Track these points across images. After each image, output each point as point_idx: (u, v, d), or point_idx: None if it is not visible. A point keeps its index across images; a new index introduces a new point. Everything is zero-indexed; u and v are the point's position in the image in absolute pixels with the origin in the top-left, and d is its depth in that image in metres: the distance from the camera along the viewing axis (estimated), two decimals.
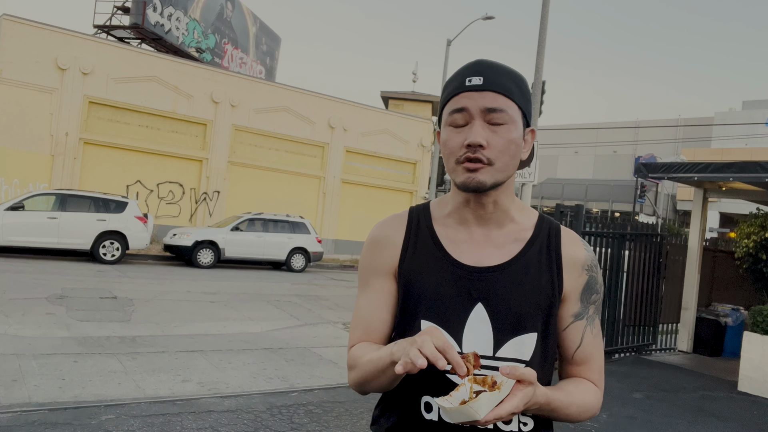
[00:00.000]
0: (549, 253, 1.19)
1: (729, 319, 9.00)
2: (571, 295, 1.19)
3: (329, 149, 21.56)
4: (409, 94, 28.45)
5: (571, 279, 1.19)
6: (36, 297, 8.15)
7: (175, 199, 18.57)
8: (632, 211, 31.76)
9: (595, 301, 1.22)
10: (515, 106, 1.13)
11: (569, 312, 1.19)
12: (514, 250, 1.18)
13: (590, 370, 1.21)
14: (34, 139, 15.94)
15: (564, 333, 1.20)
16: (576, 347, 1.20)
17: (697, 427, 5.36)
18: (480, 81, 1.12)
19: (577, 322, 1.20)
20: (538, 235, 1.21)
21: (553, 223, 1.24)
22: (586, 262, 1.21)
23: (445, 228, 1.22)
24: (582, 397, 1.16)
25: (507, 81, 1.13)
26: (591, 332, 1.21)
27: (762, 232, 8.55)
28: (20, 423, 3.88)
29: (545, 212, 1.33)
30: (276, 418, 4.44)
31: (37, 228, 12.27)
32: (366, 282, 1.26)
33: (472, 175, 1.11)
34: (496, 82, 1.12)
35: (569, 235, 1.23)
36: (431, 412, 1.14)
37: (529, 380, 0.99)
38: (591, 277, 1.21)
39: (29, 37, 15.75)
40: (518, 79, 1.16)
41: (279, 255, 15.42)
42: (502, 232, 1.20)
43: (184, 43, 21.92)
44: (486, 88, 1.12)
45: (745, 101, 41.61)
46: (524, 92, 1.17)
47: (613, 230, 8.10)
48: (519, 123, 1.14)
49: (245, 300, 9.94)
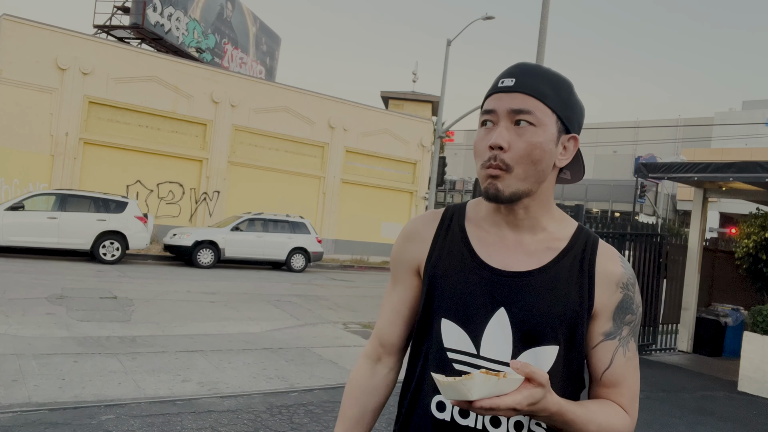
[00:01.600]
0: (582, 266, 1.14)
1: (729, 319, 8.99)
2: (602, 312, 1.13)
3: (329, 149, 21.56)
4: (409, 94, 28.46)
5: (603, 295, 1.13)
6: (36, 297, 8.15)
7: (175, 199, 18.57)
8: (632, 211, 31.76)
9: (630, 322, 1.15)
10: (547, 109, 1.10)
11: (600, 330, 1.13)
12: (545, 258, 1.15)
13: (620, 394, 1.14)
14: (34, 139, 15.94)
15: (593, 351, 1.14)
16: (605, 368, 1.14)
17: (697, 427, 5.36)
18: (511, 83, 1.10)
19: (607, 342, 1.13)
20: (573, 246, 1.16)
21: (591, 236, 1.19)
22: (621, 280, 1.14)
23: (478, 229, 1.20)
24: (606, 418, 1.09)
25: (541, 83, 1.10)
26: (623, 354, 1.14)
27: (762, 232, 8.54)
28: (20, 423, 3.87)
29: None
30: (276, 418, 4.44)
31: (37, 228, 12.27)
32: (394, 275, 1.28)
33: (492, 182, 1.10)
34: (528, 83, 1.10)
35: (607, 250, 1.17)
36: (444, 411, 1.13)
37: (539, 381, 0.95)
38: (626, 295, 1.14)
39: (29, 37, 15.75)
40: (557, 82, 1.13)
41: (279, 255, 15.42)
42: (535, 239, 1.16)
43: (184, 43, 21.92)
44: (516, 90, 1.09)
45: (745, 101, 41.65)
46: (562, 96, 1.12)
47: (613, 230, 8.10)
48: (549, 127, 1.10)
49: (245, 300, 9.94)
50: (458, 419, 1.12)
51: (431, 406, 1.14)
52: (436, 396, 1.14)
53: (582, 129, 1.18)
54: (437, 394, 1.13)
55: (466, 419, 1.12)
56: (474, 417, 1.11)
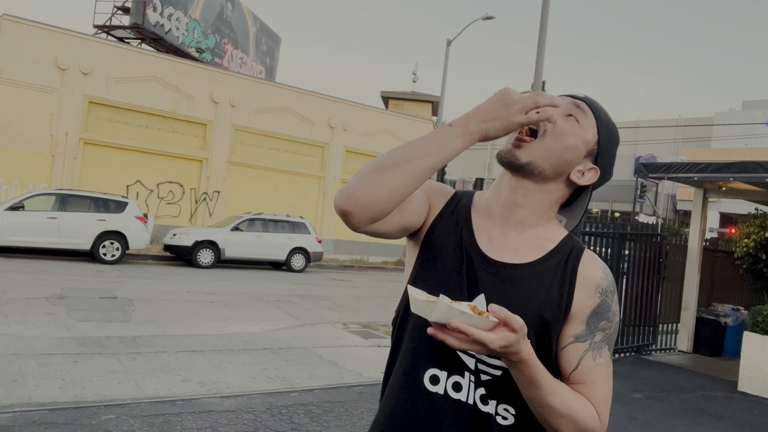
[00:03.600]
0: (565, 268, 1.15)
1: (729, 319, 8.99)
2: (578, 315, 1.12)
3: (329, 149, 21.57)
4: (409, 94, 28.46)
5: (581, 298, 1.13)
6: (36, 297, 8.15)
7: (175, 199, 18.57)
8: (632, 211, 31.74)
9: (604, 328, 1.13)
10: (595, 127, 1.18)
11: (571, 332, 1.12)
12: (533, 255, 1.17)
13: (590, 395, 1.10)
14: (34, 139, 15.94)
15: (562, 352, 1.13)
16: (571, 369, 1.12)
17: (697, 427, 5.36)
18: (581, 95, 1.21)
19: (576, 344, 1.12)
20: (560, 249, 1.18)
21: (579, 243, 1.21)
22: (601, 285, 1.14)
23: (478, 215, 1.23)
24: (574, 401, 1.06)
25: (600, 111, 1.20)
26: (593, 358, 1.12)
27: (762, 231, 8.55)
28: (20, 423, 3.88)
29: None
30: (276, 418, 4.44)
31: (37, 228, 12.27)
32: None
33: (512, 149, 1.15)
34: (593, 103, 1.20)
35: (590, 257, 1.18)
36: (437, 384, 1.13)
37: (513, 326, 0.93)
38: (604, 301, 1.14)
39: (29, 37, 15.75)
40: (612, 125, 1.21)
41: (279, 255, 15.42)
42: (524, 236, 1.18)
43: (184, 43, 21.91)
44: (583, 99, 1.20)
45: (745, 101, 41.65)
46: (611, 135, 1.20)
47: (613, 230, 8.10)
48: (587, 137, 1.17)
49: (245, 300, 9.94)
50: (451, 393, 1.12)
51: (424, 380, 1.14)
52: (430, 369, 1.14)
53: (604, 167, 1.22)
54: (431, 366, 1.14)
55: (458, 393, 1.11)
56: (466, 392, 1.11)
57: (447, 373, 1.13)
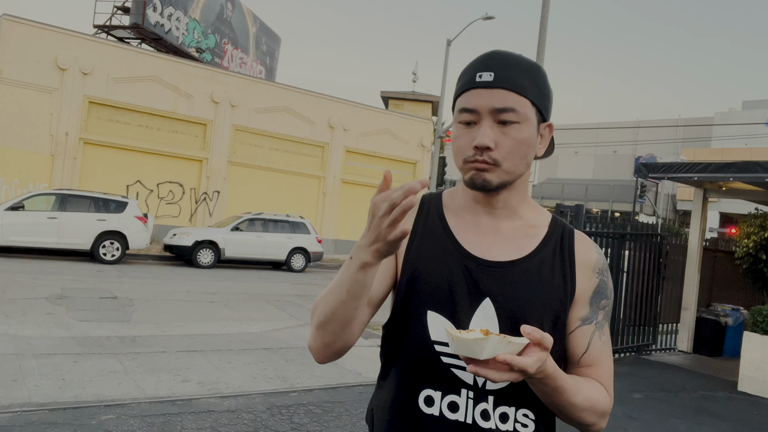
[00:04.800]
0: (562, 254, 1.16)
1: (729, 319, 8.99)
2: (581, 298, 1.15)
3: (329, 149, 21.56)
4: (409, 94, 28.44)
5: (582, 281, 1.16)
6: (36, 297, 8.15)
7: (175, 199, 18.57)
8: (632, 211, 31.75)
9: (604, 306, 1.18)
10: (528, 103, 1.09)
11: (577, 315, 1.15)
12: (527, 246, 1.15)
13: (598, 374, 1.16)
14: (34, 139, 15.94)
15: (570, 336, 1.15)
16: (582, 352, 1.15)
17: (697, 427, 5.36)
18: (491, 77, 1.08)
19: (584, 326, 1.15)
20: (552, 234, 1.18)
21: (567, 225, 1.21)
22: (597, 265, 1.18)
23: (456, 217, 1.19)
24: (591, 391, 1.10)
25: (520, 76, 1.09)
26: (599, 338, 1.16)
27: (762, 231, 8.55)
28: (20, 423, 3.88)
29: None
30: (276, 418, 4.44)
31: (37, 228, 12.27)
32: None
33: (479, 174, 1.10)
34: (508, 78, 1.08)
35: (582, 238, 1.20)
36: (432, 406, 1.10)
37: (547, 346, 0.95)
38: (602, 281, 1.18)
39: (29, 37, 15.75)
40: (533, 71, 1.11)
41: (279, 255, 15.41)
42: (513, 226, 1.17)
43: (184, 43, 21.91)
44: (496, 86, 1.07)
45: (745, 101, 41.63)
46: (540, 86, 1.12)
47: (613, 230, 8.10)
48: (532, 120, 1.10)
49: (245, 300, 9.94)
50: (447, 414, 1.09)
51: (418, 401, 1.11)
52: (425, 390, 1.11)
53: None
54: (425, 388, 1.11)
55: (455, 413, 1.09)
56: (464, 411, 1.09)
57: (441, 393, 1.10)
